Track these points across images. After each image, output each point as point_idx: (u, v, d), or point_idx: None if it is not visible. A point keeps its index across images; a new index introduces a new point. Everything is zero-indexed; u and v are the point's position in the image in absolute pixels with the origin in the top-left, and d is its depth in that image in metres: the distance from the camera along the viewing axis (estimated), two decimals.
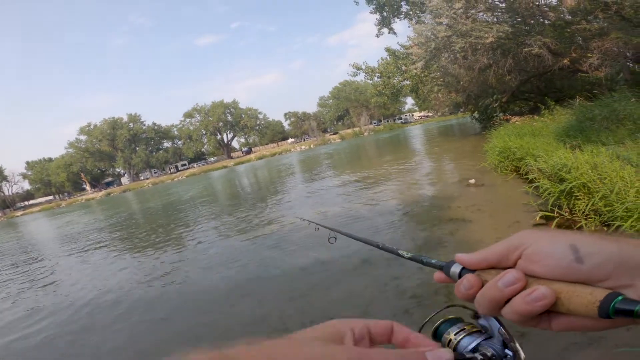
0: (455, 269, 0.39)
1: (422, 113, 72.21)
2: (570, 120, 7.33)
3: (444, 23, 9.76)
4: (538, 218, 3.92)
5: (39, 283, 6.35)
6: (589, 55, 7.72)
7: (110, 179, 72.88)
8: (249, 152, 72.13)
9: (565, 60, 8.59)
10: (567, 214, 3.80)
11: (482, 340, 0.39)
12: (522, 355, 0.37)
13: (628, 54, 7.47)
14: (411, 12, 17.24)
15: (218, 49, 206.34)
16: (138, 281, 5.13)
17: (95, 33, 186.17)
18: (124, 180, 72.42)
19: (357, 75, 25.45)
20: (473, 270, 0.38)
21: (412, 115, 77.19)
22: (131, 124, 68.73)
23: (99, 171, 72.00)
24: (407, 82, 23.56)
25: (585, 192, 3.71)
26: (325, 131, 79.04)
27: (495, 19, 9.32)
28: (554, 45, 8.34)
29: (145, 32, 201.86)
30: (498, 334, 0.39)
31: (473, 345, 0.38)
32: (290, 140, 78.90)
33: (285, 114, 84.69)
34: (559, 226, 3.69)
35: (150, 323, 3.66)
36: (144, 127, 70.25)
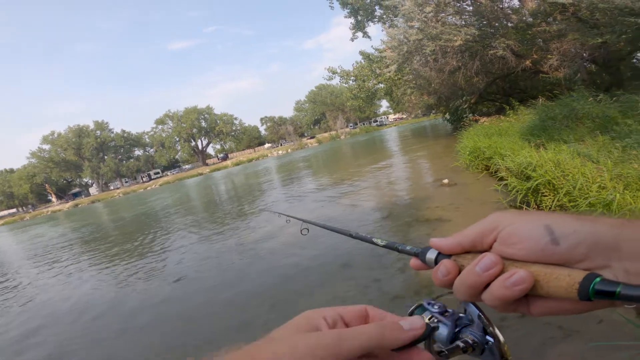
0: (431, 255, 0.38)
1: (397, 115, 73.86)
2: (534, 119, 7.69)
3: (416, 27, 10.01)
4: None
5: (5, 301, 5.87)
6: (549, 56, 8.17)
7: (77, 189, 69.34)
8: (225, 158, 70.78)
9: (528, 62, 9.04)
10: (535, 210, 3.96)
11: (462, 327, 0.39)
12: (502, 339, 0.36)
13: (584, 54, 7.96)
14: (385, 16, 17.63)
15: (191, 54, 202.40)
16: (114, 292, 4.86)
17: (59, 38, 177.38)
18: (93, 190, 69.30)
19: (332, 79, 25.70)
20: (449, 256, 0.37)
21: (387, 118, 78.81)
22: (98, 132, 65.83)
23: (65, 182, 68.35)
24: (382, 85, 24.03)
25: (551, 188, 3.88)
26: (302, 135, 79.09)
27: (463, 22, 9.68)
28: (516, 47, 8.76)
29: (113, 37, 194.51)
30: (478, 320, 0.38)
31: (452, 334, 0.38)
32: (267, 145, 78.35)
33: (262, 119, 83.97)
34: None
35: (129, 334, 3.47)
36: (112, 135, 67.48)
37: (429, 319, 0.38)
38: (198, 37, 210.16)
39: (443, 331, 0.38)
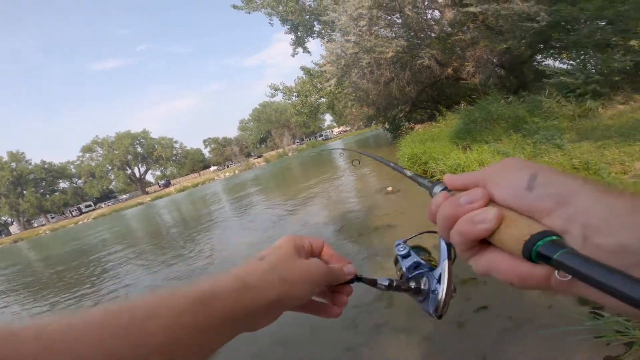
0: (437, 189, 0.38)
1: (341, 128, 76.41)
2: (459, 124, 8.43)
3: (352, 40, 10.57)
4: None
5: None
6: (466, 63, 9.16)
7: None
8: (167, 184, 66.44)
9: (449, 70, 10.04)
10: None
11: (424, 271, 0.43)
12: (443, 295, 0.39)
13: (494, 60, 9.06)
14: (323, 31, 18.38)
15: (122, 74, 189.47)
16: None
17: None
18: (14, 229, 60.51)
19: (275, 95, 25.93)
20: (451, 192, 0.36)
21: (332, 131, 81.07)
22: (13, 164, 57.92)
23: None
24: (324, 100, 24.80)
25: None
26: (248, 155, 77.75)
27: (393, 35, 10.46)
28: (439, 56, 9.68)
29: (25, 56, 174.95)
30: (442, 267, 0.39)
31: (411, 274, 0.44)
32: (212, 168, 75.33)
33: (205, 141, 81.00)
34: None
35: None
36: (30, 167, 59.80)
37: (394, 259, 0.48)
38: (129, 56, 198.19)
39: (404, 265, 0.45)
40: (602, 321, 1.79)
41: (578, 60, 6.74)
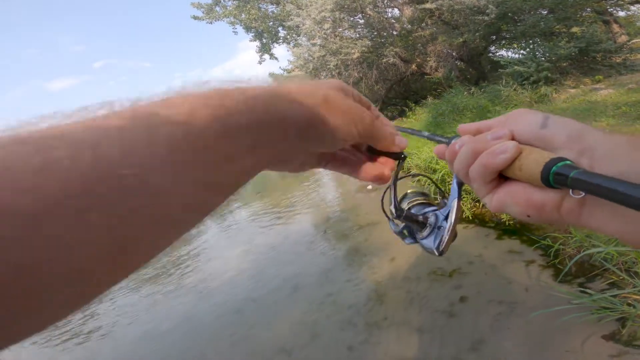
0: (456, 140, 0.40)
1: None
2: (428, 117, 8.68)
3: (318, 43, 10.69)
4: None
5: None
6: (428, 59, 9.52)
7: None
8: None
9: (413, 66, 10.38)
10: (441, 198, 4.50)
11: (431, 209, 0.45)
12: (447, 236, 0.40)
13: (454, 54, 9.47)
14: (288, 36, 18.35)
15: (81, 92, 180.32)
16: None
17: None
18: None
19: None
20: None
21: None
22: None
23: None
24: None
25: (450, 175, 4.49)
26: None
27: (358, 35, 10.68)
28: (402, 53, 9.98)
29: None
30: (450, 205, 0.41)
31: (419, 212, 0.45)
32: None
33: None
34: None
35: None
36: None
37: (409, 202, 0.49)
38: (87, 72, 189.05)
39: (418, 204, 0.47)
40: (589, 299, 1.86)
41: (528, 50, 7.21)
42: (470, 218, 3.75)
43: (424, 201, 0.49)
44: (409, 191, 0.52)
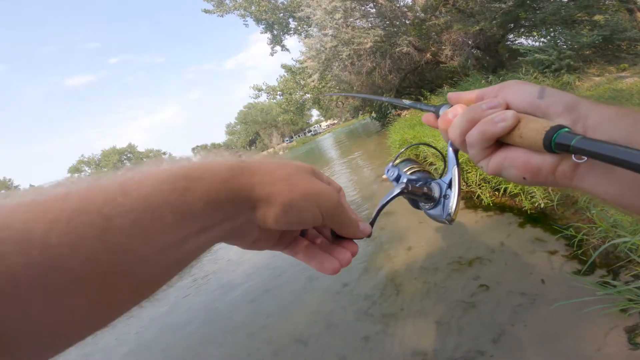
0: (444, 109, 0.40)
1: (329, 121, 76.24)
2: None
3: (330, 34, 10.60)
4: None
5: None
6: (443, 47, 9.30)
7: None
8: None
9: (428, 55, 10.17)
10: (464, 186, 4.42)
11: (430, 180, 0.45)
12: (454, 206, 0.40)
13: (470, 42, 9.22)
14: (299, 28, 18.23)
15: (98, 89, 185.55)
16: None
17: None
18: None
19: (259, 96, 25.74)
20: None
21: (321, 126, 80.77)
22: (2, 191, 56.78)
23: None
24: (308, 96, 24.74)
25: (472, 165, 4.37)
26: None
27: (370, 25, 10.52)
28: (416, 42, 9.80)
29: None
30: (452, 172, 0.41)
31: (418, 184, 0.45)
32: None
33: (194, 149, 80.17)
34: (462, 199, 4.26)
35: None
36: None
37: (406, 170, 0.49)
38: (103, 69, 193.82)
39: (418, 179, 0.46)
40: (614, 290, 1.82)
41: (548, 38, 6.96)
42: (491, 205, 3.68)
43: (419, 168, 0.49)
44: (397, 161, 0.52)
